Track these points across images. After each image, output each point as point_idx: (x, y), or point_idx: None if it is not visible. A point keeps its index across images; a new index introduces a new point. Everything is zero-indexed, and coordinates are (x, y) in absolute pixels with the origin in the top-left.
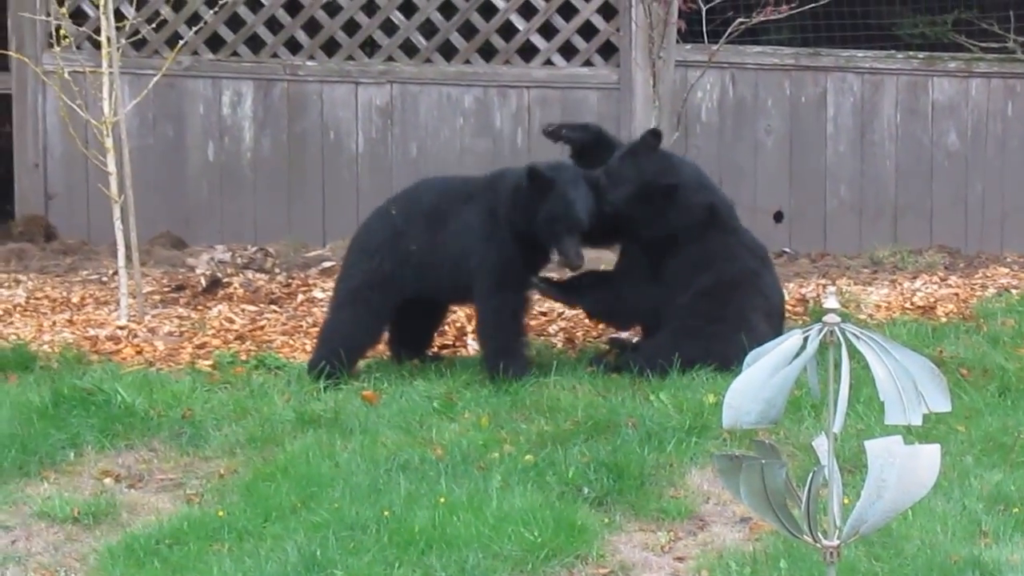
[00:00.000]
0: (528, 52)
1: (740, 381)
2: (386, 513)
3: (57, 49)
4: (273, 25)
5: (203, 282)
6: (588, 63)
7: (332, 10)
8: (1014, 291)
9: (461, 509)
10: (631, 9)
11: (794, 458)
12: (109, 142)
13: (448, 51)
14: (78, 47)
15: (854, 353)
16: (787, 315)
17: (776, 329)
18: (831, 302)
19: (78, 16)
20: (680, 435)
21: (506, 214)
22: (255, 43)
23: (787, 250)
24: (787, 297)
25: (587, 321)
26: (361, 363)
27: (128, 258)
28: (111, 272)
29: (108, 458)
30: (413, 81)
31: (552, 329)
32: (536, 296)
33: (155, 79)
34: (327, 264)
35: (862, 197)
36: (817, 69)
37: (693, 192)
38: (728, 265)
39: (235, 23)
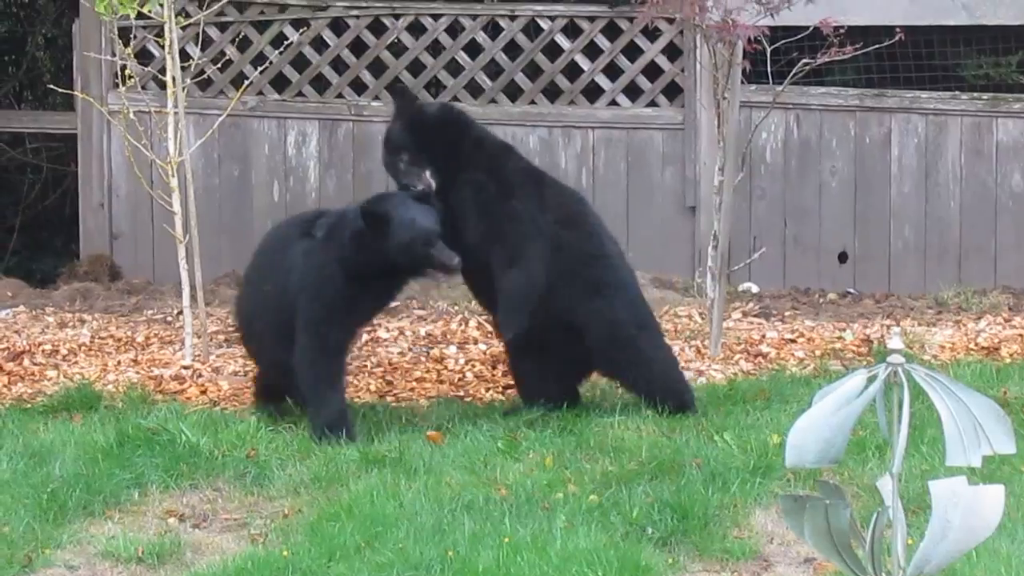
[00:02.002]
0: (593, 93)
1: (803, 420)
2: (450, 553)
3: (122, 89)
4: (338, 65)
5: None
6: (653, 103)
7: (397, 51)
8: None
9: (525, 549)
10: (696, 50)
11: (859, 498)
12: (174, 182)
13: (513, 92)
14: (143, 87)
15: (919, 394)
16: (852, 355)
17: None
18: (895, 343)
19: (143, 56)
20: (744, 475)
21: (354, 262)
22: (320, 83)
23: (851, 291)
24: (852, 337)
25: None
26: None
27: (193, 298)
28: (176, 312)
29: (173, 497)
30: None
31: None
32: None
33: (220, 119)
34: (391, 304)
35: (926, 238)
36: (882, 110)
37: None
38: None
39: (300, 63)
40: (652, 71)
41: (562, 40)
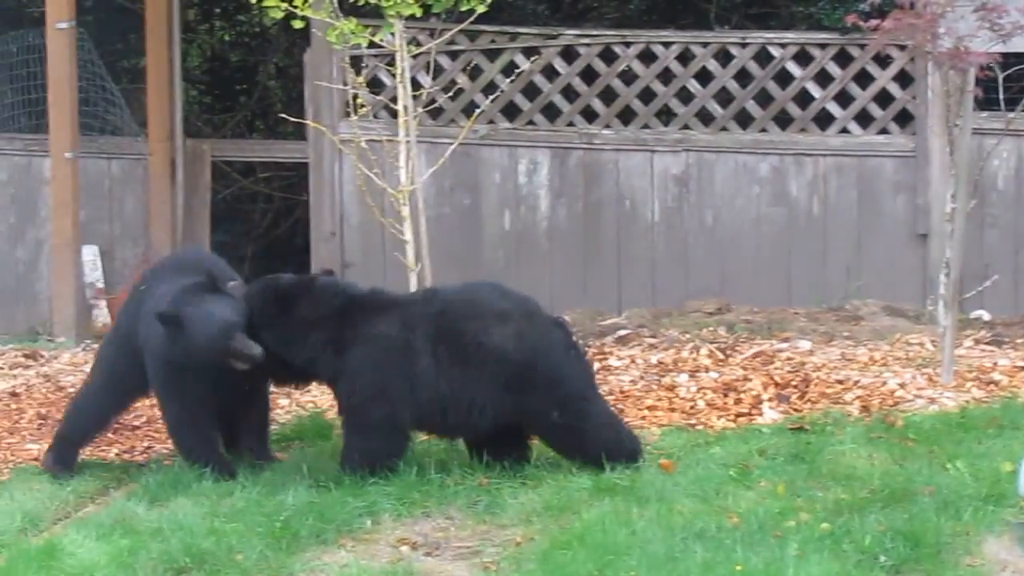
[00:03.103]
0: (823, 120)
1: None
2: None
3: (354, 118)
4: (569, 94)
5: None
6: (884, 131)
7: (628, 79)
8: None
9: None
10: (927, 77)
11: None
12: (406, 210)
13: (744, 119)
14: (375, 116)
15: None
16: None
17: None
18: None
19: (374, 85)
20: (976, 503)
21: (167, 360)
22: (551, 112)
23: None
24: None
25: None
26: None
27: None
28: None
29: (405, 526)
30: (709, 149)
31: (848, 397)
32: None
33: (452, 148)
34: (622, 332)
35: None
36: None
37: None
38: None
39: (531, 92)
40: (883, 98)
41: (793, 67)
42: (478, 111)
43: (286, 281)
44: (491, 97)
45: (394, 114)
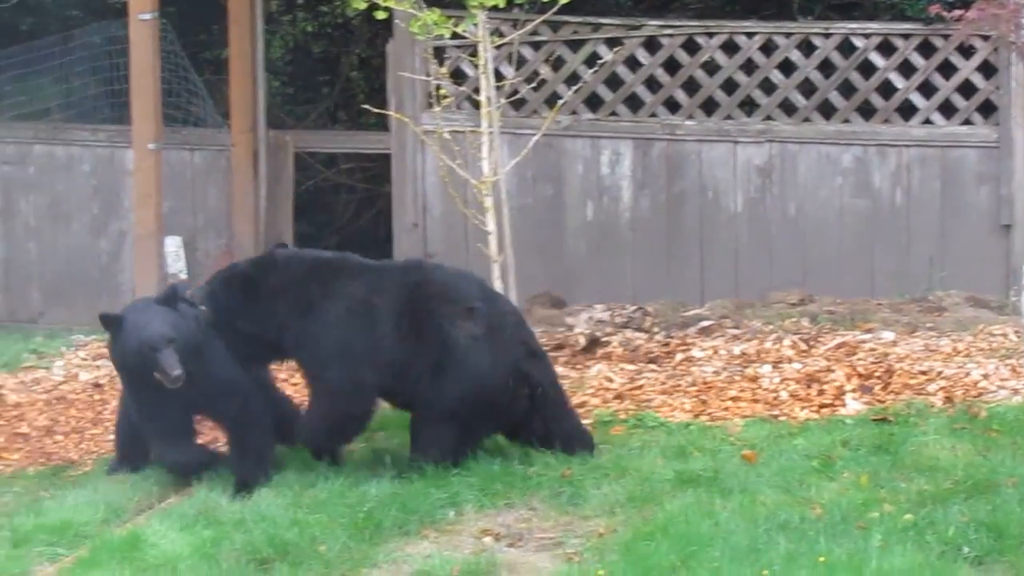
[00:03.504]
0: (907, 111)
1: None
2: (765, 573)
3: (436, 109)
4: (652, 84)
5: (582, 341)
6: (967, 122)
7: (711, 69)
8: None
9: (841, 569)
10: (1011, 67)
11: None
12: (488, 201)
13: (827, 110)
14: (457, 107)
15: None
16: None
17: None
18: None
19: (457, 76)
20: None
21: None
22: (634, 102)
23: None
24: None
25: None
26: None
27: None
28: None
29: (488, 517)
30: (792, 140)
31: (931, 388)
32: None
33: (535, 139)
34: (705, 323)
35: None
36: None
37: None
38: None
39: (614, 83)
40: (966, 89)
41: (876, 58)
42: (561, 102)
43: (244, 264)
44: (574, 88)
45: (477, 105)
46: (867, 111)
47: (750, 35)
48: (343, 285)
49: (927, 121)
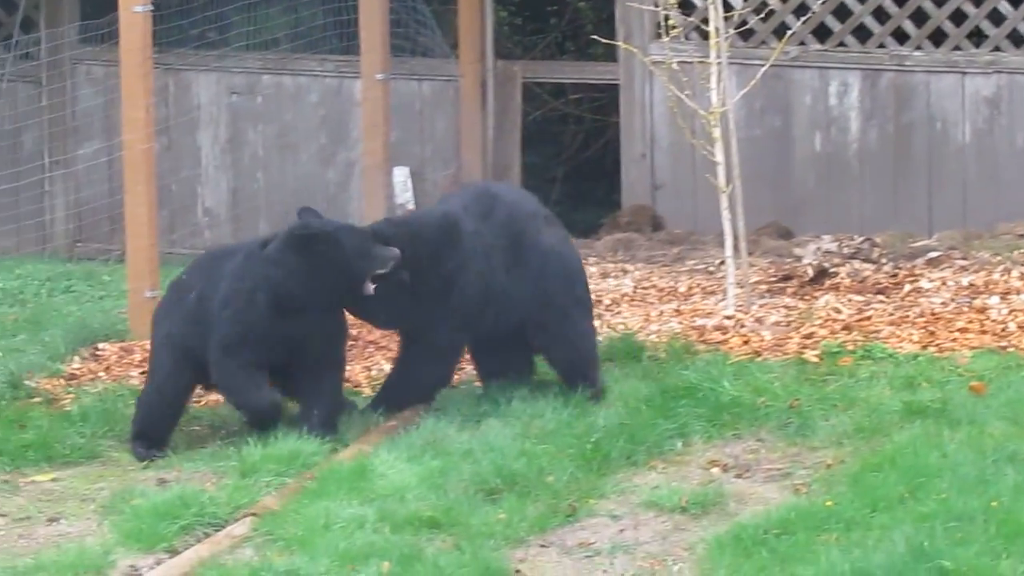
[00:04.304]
0: None
1: None
2: (993, 504)
3: (665, 39)
4: (880, 15)
5: (810, 272)
6: None
7: (939, 0)
8: None
9: None
10: None
11: None
12: (717, 132)
13: None
14: (686, 37)
15: None
16: None
17: None
18: None
19: (685, 6)
20: None
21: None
22: (862, 33)
23: None
24: None
25: None
26: None
27: (735, 248)
28: (718, 262)
29: (715, 448)
30: (1020, 71)
31: None
32: None
33: (763, 69)
34: (933, 254)
35: None
36: None
37: None
38: None
39: (842, 13)
40: None
41: None
42: (789, 32)
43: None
44: (802, 18)
45: (705, 35)
46: None
47: None
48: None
49: None
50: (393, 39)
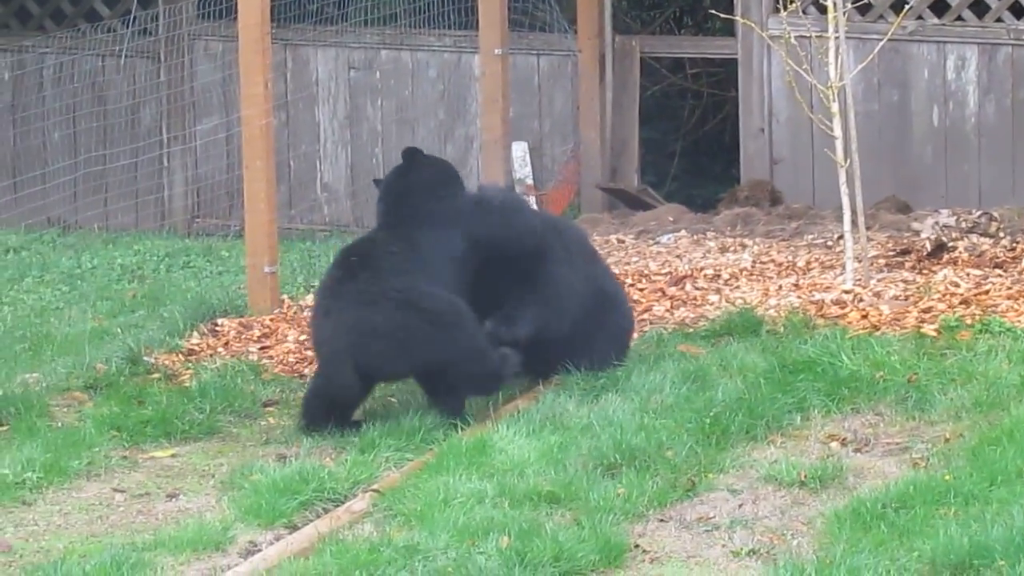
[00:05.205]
0: None
1: None
2: None
3: (783, 14)
4: None
5: (928, 246)
6: None
7: None
8: None
9: None
10: None
11: None
12: (835, 107)
13: None
14: (803, 11)
15: None
16: None
17: None
18: None
19: None
20: None
21: None
22: (979, 7)
23: None
24: None
25: None
26: None
27: (853, 222)
28: (836, 236)
29: (834, 422)
30: None
31: None
32: None
33: (881, 44)
34: None
35: None
36: None
37: None
38: None
39: None
40: None
41: None
42: (907, 7)
43: None
44: None
45: (823, 10)
46: None
47: None
48: None
49: None
50: (512, 14)
